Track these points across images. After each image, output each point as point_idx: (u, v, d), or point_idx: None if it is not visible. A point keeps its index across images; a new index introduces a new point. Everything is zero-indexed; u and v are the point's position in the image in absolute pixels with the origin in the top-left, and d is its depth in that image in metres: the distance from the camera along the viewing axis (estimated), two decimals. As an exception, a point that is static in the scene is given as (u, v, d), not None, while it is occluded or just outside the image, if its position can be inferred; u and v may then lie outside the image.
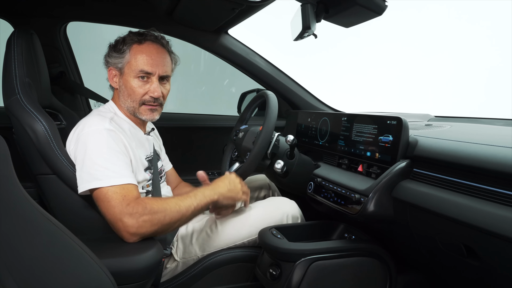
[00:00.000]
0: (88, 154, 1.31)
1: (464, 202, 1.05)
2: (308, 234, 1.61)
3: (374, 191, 1.30)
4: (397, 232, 1.39)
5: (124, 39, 1.47)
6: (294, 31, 1.49)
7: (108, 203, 1.25)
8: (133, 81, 1.45)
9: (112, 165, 1.30)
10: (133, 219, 1.21)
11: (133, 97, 1.47)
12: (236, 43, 2.22)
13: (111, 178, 1.28)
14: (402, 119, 1.35)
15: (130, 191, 1.28)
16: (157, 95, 1.47)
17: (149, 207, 1.24)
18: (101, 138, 1.33)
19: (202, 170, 2.43)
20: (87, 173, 1.29)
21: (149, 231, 1.24)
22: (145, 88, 1.46)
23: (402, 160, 1.33)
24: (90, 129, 1.36)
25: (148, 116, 1.51)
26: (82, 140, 1.34)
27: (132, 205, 1.23)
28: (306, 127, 2.08)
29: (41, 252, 0.83)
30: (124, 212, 1.22)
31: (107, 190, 1.26)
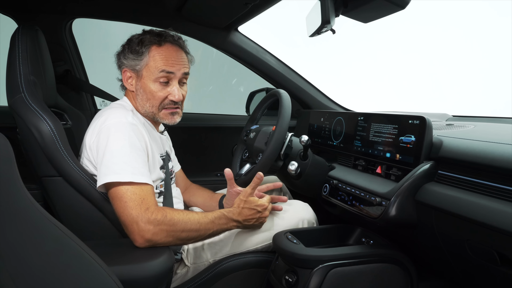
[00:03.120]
0: (109, 146, 1.26)
1: (497, 207, 0.98)
2: (324, 238, 1.54)
3: (396, 194, 1.24)
4: (420, 237, 1.32)
5: (142, 40, 1.41)
6: (311, 26, 1.42)
7: (126, 204, 1.20)
8: (152, 85, 1.40)
9: (132, 161, 1.25)
10: (150, 225, 1.17)
11: (152, 101, 1.42)
12: (246, 40, 2.16)
13: (130, 174, 1.23)
14: (426, 118, 1.28)
15: (149, 194, 1.24)
16: (178, 98, 1.43)
17: (169, 217, 1.21)
18: (124, 131, 1.29)
19: (210, 171, 2.40)
20: (105, 166, 1.25)
21: (162, 240, 1.20)
22: (165, 91, 1.42)
23: (426, 161, 1.26)
24: (112, 121, 1.31)
25: (169, 120, 1.46)
26: (104, 131, 1.30)
27: (152, 210, 1.19)
28: (318, 127, 2.01)
29: (47, 260, 0.78)
30: (142, 216, 1.18)
31: (126, 189, 1.21)
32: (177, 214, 1.24)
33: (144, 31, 1.45)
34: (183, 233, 1.23)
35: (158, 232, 1.18)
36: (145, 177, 1.25)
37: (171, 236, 1.21)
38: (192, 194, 1.82)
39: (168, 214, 1.21)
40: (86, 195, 1.32)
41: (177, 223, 1.21)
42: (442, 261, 1.30)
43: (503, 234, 0.95)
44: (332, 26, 1.28)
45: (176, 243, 1.25)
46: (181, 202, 1.65)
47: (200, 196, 1.80)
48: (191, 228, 1.25)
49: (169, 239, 1.21)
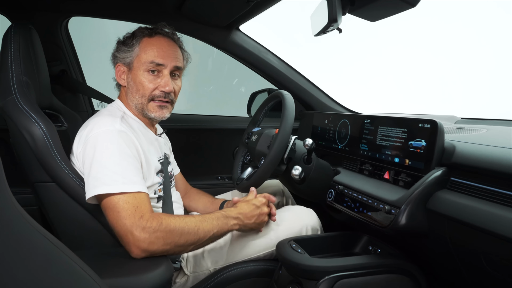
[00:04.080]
0: (97, 157, 1.20)
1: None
2: (329, 246, 1.48)
3: (407, 202, 1.17)
4: (430, 246, 1.26)
5: (134, 33, 1.40)
6: (316, 25, 1.36)
7: (118, 214, 1.14)
8: (142, 75, 1.36)
9: (122, 170, 1.19)
10: (145, 234, 1.11)
11: (141, 92, 1.37)
12: (248, 40, 2.10)
13: (121, 184, 1.16)
14: (438, 122, 1.22)
15: (143, 202, 1.17)
16: (169, 89, 1.38)
17: (165, 224, 1.14)
18: (111, 140, 1.23)
19: (211, 174, 2.34)
20: (94, 177, 1.18)
21: (160, 249, 1.13)
22: (156, 82, 1.37)
23: (438, 167, 1.20)
24: (99, 130, 1.25)
25: (157, 113, 1.40)
26: (90, 142, 1.23)
27: (146, 218, 1.13)
28: (322, 130, 1.95)
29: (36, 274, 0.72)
30: (137, 224, 1.11)
31: (118, 199, 1.15)
32: (173, 219, 1.17)
33: (139, 27, 1.43)
34: (181, 239, 1.16)
35: (155, 241, 1.11)
36: (137, 185, 1.19)
37: (169, 243, 1.14)
38: (192, 198, 1.76)
39: (164, 220, 1.15)
40: (80, 202, 1.26)
41: (174, 229, 1.15)
42: (455, 272, 1.24)
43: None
44: (339, 24, 1.22)
45: (175, 251, 1.18)
46: (181, 207, 1.59)
47: (200, 201, 1.74)
48: (189, 233, 1.18)
49: (166, 247, 1.14)
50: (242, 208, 1.38)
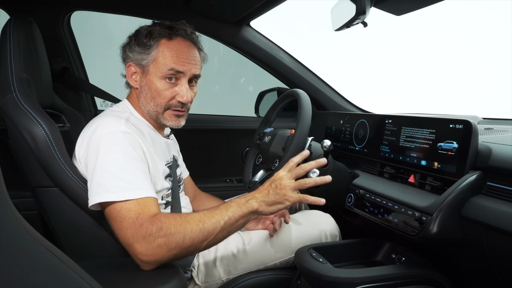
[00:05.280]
0: (100, 161, 1.11)
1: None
2: (349, 254, 1.40)
3: (439, 208, 1.09)
4: (463, 257, 1.17)
5: (151, 32, 1.26)
6: (338, 19, 1.28)
7: (121, 224, 1.05)
8: (159, 82, 1.25)
9: (127, 175, 1.09)
10: (146, 244, 1.01)
11: (158, 100, 1.27)
12: (259, 36, 2.02)
13: (126, 190, 1.07)
14: (472, 122, 1.13)
15: (147, 207, 1.07)
16: (186, 100, 1.27)
17: (165, 227, 1.02)
18: (115, 142, 1.13)
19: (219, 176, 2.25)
20: (97, 183, 1.09)
21: (166, 257, 1.03)
22: (173, 91, 1.26)
23: (472, 171, 1.12)
24: (102, 132, 1.15)
25: (173, 122, 1.31)
26: (93, 144, 1.14)
27: (146, 225, 1.03)
28: (337, 130, 1.86)
29: (37, 292, 0.63)
30: (137, 235, 1.02)
31: (120, 207, 1.06)
32: (173, 221, 1.05)
33: (154, 23, 1.30)
34: (186, 241, 1.04)
35: (157, 250, 1.01)
36: (144, 190, 1.09)
37: (173, 248, 1.03)
38: (201, 203, 1.67)
39: (164, 223, 1.03)
40: (85, 208, 1.16)
41: (175, 232, 1.03)
42: (490, 284, 1.15)
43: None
44: (366, 17, 1.13)
45: (185, 254, 1.07)
46: (190, 213, 1.49)
47: (209, 206, 1.62)
48: (193, 231, 1.05)
49: (173, 252, 1.03)
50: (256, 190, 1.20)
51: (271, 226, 1.41)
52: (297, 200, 1.16)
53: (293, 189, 1.16)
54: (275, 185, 1.17)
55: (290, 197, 1.15)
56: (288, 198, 1.15)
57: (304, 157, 1.24)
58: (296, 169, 1.19)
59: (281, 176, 1.18)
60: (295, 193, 1.16)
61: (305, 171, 1.20)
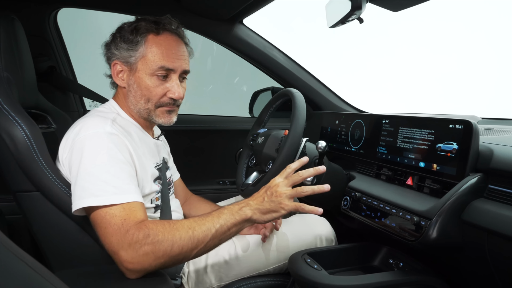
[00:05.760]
0: (84, 163, 1.05)
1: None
2: (345, 259, 1.35)
3: (439, 213, 1.04)
4: (464, 262, 1.13)
5: (137, 28, 1.20)
6: (332, 16, 1.23)
7: (105, 230, 0.99)
8: (149, 80, 1.20)
9: (113, 178, 1.04)
10: (132, 251, 0.95)
11: (148, 97, 1.21)
12: (252, 34, 1.96)
13: (111, 194, 1.01)
14: (472, 123, 1.08)
15: (133, 212, 1.01)
16: (178, 96, 1.22)
17: (153, 234, 0.97)
18: (100, 143, 1.08)
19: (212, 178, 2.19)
20: (81, 187, 1.04)
21: (153, 265, 0.97)
22: (164, 87, 1.21)
23: (472, 174, 1.07)
24: (87, 133, 1.10)
25: (165, 119, 1.26)
26: (77, 146, 1.08)
27: (132, 231, 0.97)
28: (333, 131, 1.81)
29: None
30: (122, 242, 0.96)
31: (105, 212, 1.00)
32: (161, 228, 0.99)
33: (138, 18, 1.24)
34: (174, 249, 0.98)
35: (144, 258, 0.95)
36: (130, 194, 1.04)
37: (161, 257, 0.97)
38: (192, 206, 1.61)
39: (151, 229, 0.97)
40: (69, 213, 1.10)
41: (163, 240, 0.97)
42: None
43: None
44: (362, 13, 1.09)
45: (173, 263, 1.01)
46: (181, 216, 1.45)
47: (201, 209, 1.59)
48: (182, 238, 0.99)
49: (160, 261, 0.97)
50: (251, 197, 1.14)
51: (264, 231, 1.36)
52: (293, 208, 1.09)
53: (289, 197, 1.10)
54: (271, 192, 1.11)
55: (286, 205, 1.09)
56: (284, 206, 1.09)
57: (303, 163, 1.18)
58: (293, 176, 1.13)
59: (277, 183, 1.12)
60: (291, 201, 1.10)
61: (302, 178, 1.14)
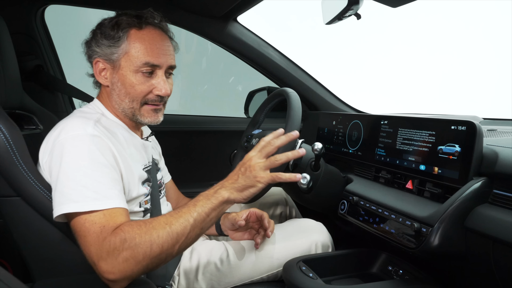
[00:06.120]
0: (64, 167, 0.99)
1: None
2: (342, 266, 1.29)
3: (441, 219, 0.99)
4: (468, 271, 1.08)
5: (118, 23, 1.15)
6: (329, 11, 1.17)
7: (85, 239, 0.93)
8: (133, 77, 1.14)
9: (94, 183, 0.98)
10: (111, 260, 0.89)
11: (133, 95, 1.16)
12: (247, 32, 1.91)
13: (91, 200, 0.96)
14: (476, 124, 1.03)
15: (113, 218, 0.95)
16: (165, 92, 1.17)
17: (129, 238, 0.91)
18: (81, 146, 1.02)
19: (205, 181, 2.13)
20: (60, 193, 0.98)
21: (135, 271, 0.91)
22: (150, 84, 1.16)
23: (476, 178, 1.02)
24: (67, 135, 1.04)
25: (151, 118, 1.21)
26: (57, 149, 1.03)
27: (109, 238, 0.91)
28: (330, 132, 1.76)
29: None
30: (101, 251, 0.90)
31: (84, 220, 0.94)
32: (137, 229, 0.93)
33: (119, 13, 1.19)
34: (154, 249, 0.92)
35: (124, 265, 0.89)
36: (112, 200, 0.98)
37: (141, 260, 0.91)
38: None
39: (127, 233, 0.91)
40: (51, 219, 1.05)
41: (141, 242, 0.91)
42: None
43: None
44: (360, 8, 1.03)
45: (158, 263, 0.95)
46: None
47: None
48: (160, 236, 0.93)
49: (142, 265, 0.91)
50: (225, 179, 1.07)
51: (257, 236, 1.31)
52: (270, 179, 1.02)
53: (263, 168, 1.01)
54: (244, 168, 1.03)
55: (262, 177, 1.01)
56: (260, 179, 1.01)
57: (277, 135, 1.09)
58: (265, 147, 1.05)
59: (250, 157, 1.05)
60: (266, 173, 1.02)
61: (275, 147, 1.05)
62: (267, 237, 1.30)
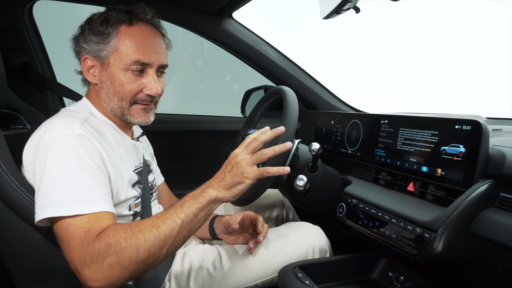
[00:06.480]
0: (48, 169, 0.94)
1: None
2: (340, 272, 1.24)
3: (445, 224, 0.93)
4: (473, 278, 1.02)
5: (107, 18, 1.10)
6: (326, 5, 1.12)
7: (68, 245, 0.88)
8: (123, 75, 1.09)
9: (79, 186, 0.93)
10: (96, 266, 0.84)
11: (122, 94, 1.11)
12: (242, 29, 1.86)
13: (76, 204, 0.90)
14: (482, 123, 0.98)
15: (98, 223, 0.90)
16: (156, 92, 1.12)
17: (114, 242, 0.86)
18: (67, 147, 0.97)
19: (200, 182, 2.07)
20: (43, 196, 0.93)
21: (121, 277, 0.86)
22: (140, 83, 1.11)
23: (482, 180, 0.96)
24: (52, 135, 0.99)
25: (142, 118, 1.15)
26: (41, 150, 0.98)
27: (93, 243, 0.86)
28: (328, 132, 1.71)
29: None
30: (84, 257, 0.85)
31: (68, 224, 0.89)
32: (123, 233, 0.88)
33: (109, 8, 1.13)
34: (140, 253, 0.87)
35: (109, 271, 0.84)
36: (98, 203, 0.93)
37: (128, 265, 0.86)
38: None
39: (112, 237, 0.87)
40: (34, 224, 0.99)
41: (126, 247, 0.86)
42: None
43: None
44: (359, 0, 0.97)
45: (143, 269, 0.90)
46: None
47: None
48: (146, 240, 0.88)
49: (128, 270, 0.86)
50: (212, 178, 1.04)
51: (251, 240, 1.26)
52: (258, 175, 0.99)
53: (250, 163, 0.99)
54: (231, 165, 1.00)
55: (249, 173, 0.98)
56: (247, 175, 0.98)
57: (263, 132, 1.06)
58: (251, 142, 1.03)
59: (236, 154, 1.02)
60: (253, 168, 0.99)
61: (260, 142, 1.02)
62: (259, 242, 1.25)
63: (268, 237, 1.29)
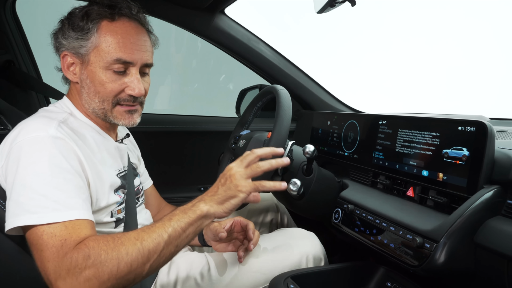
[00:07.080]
0: (20, 173, 0.88)
1: None
2: (336, 282, 1.18)
3: (448, 234, 0.87)
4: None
5: (88, 13, 1.03)
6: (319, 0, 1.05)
7: (42, 254, 0.81)
8: (103, 74, 1.02)
9: (54, 192, 0.86)
10: (71, 279, 0.78)
11: (103, 95, 1.04)
12: (235, 26, 1.80)
13: (51, 211, 0.84)
14: (487, 124, 0.91)
15: (76, 231, 0.84)
16: (139, 92, 1.05)
17: (94, 254, 0.80)
18: (41, 149, 0.90)
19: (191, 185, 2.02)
20: (15, 202, 0.86)
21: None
22: (122, 83, 1.04)
23: (487, 186, 0.90)
24: (26, 137, 0.92)
25: (126, 120, 1.09)
26: (14, 153, 0.91)
27: (70, 254, 0.79)
28: (324, 133, 1.64)
29: None
30: (60, 268, 0.79)
31: (42, 232, 0.83)
32: (104, 244, 0.82)
33: (91, 1, 1.07)
34: (121, 267, 0.81)
35: (85, 284, 0.78)
36: (75, 210, 0.87)
37: (107, 280, 0.80)
38: None
39: (92, 248, 0.80)
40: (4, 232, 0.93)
41: (106, 260, 0.80)
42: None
43: None
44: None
45: (122, 286, 0.84)
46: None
47: None
48: (129, 253, 0.82)
49: (106, 286, 0.80)
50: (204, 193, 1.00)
51: (241, 248, 1.19)
52: (252, 188, 0.95)
53: (244, 176, 0.96)
54: (225, 178, 0.97)
55: (244, 186, 0.95)
56: (241, 188, 0.94)
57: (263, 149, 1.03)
58: (247, 156, 1.00)
59: (230, 167, 0.99)
60: (248, 181, 0.96)
61: (256, 156, 0.99)
62: (249, 250, 1.18)
63: (260, 244, 1.23)
